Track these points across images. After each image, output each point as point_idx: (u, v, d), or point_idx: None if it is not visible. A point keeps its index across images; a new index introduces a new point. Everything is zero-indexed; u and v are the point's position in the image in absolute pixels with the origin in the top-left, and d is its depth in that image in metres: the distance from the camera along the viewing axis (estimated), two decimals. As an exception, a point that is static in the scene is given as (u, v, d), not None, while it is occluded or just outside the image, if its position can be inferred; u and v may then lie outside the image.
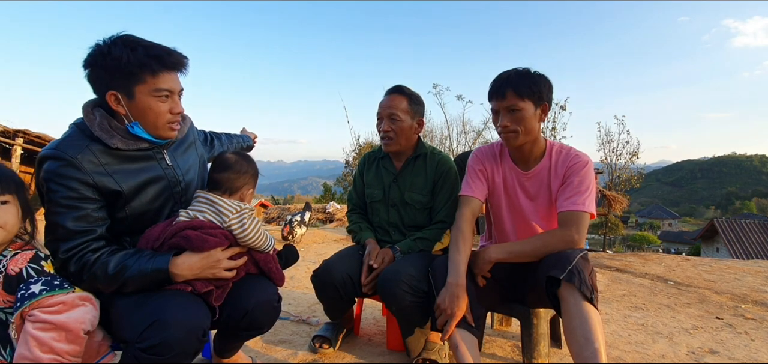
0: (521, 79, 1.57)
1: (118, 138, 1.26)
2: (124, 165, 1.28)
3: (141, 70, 1.23)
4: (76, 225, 1.19)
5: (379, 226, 2.05)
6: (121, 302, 1.25)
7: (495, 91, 1.62)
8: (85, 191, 1.20)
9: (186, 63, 1.34)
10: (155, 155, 1.37)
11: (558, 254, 1.48)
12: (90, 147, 1.22)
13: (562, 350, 2.13)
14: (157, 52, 1.25)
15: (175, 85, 1.31)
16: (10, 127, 9.45)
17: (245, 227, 1.38)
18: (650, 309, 2.95)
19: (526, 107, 1.57)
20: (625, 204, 10.86)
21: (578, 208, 1.54)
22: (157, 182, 1.36)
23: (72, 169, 1.18)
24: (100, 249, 1.22)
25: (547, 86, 1.61)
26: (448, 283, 1.52)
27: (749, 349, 2.26)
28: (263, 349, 2.05)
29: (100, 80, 1.24)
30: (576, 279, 1.37)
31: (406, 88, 1.97)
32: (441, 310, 1.49)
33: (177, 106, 1.34)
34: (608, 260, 5.07)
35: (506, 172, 1.76)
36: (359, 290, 1.84)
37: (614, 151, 20.37)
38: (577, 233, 1.52)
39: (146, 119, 1.28)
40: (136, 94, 1.24)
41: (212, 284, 1.32)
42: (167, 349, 1.12)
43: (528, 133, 1.60)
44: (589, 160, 1.63)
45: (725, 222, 23.27)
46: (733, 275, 4.06)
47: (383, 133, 1.95)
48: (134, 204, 1.30)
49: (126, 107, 1.25)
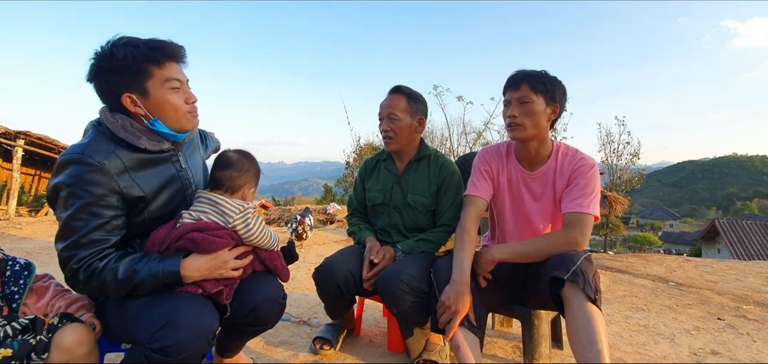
0: (538, 75, 1.61)
1: (145, 139, 1.26)
2: (146, 170, 1.29)
3: (147, 64, 1.23)
4: (96, 234, 1.18)
5: (381, 228, 2.05)
6: (132, 304, 1.25)
7: (511, 81, 1.64)
8: (109, 198, 1.19)
9: (184, 53, 1.34)
10: (171, 158, 1.38)
11: (562, 255, 1.48)
12: (116, 152, 1.22)
13: (564, 352, 2.13)
14: (157, 44, 1.26)
15: (181, 75, 1.32)
16: (11, 129, 9.47)
17: (250, 227, 1.39)
18: (651, 310, 2.94)
19: (538, 102, 1.58)
20: (626, 205, 10.85)
21: (583, 210, 1.54)
22: (173, 185, 1.37)
23: (99, 175, 1.17)
24: (107, 256, 1.21)
25: (560, 89, 1.63)
26: (454, 280, 1.52)
27: (751, 350, 2.26)
28: (264, 350, 2.05)
29: (112, 86, 1.24)
30: (580, 280, 1.37)
31: (405, 87, 1.98)
32: (445, 307, 1.48)
33: (190, 95, 1.35)
34: (609, 260, 5.06)
35: (511, 172, 1.76)
36: (361, 288, 1.84)
37: (615, 151, 20.37)
38: (581, 234, 1.52)
39: (165, 113, 1.28)
40: (149, 90, 1.25)
41: (221, 284, 1.33)
42: (179, 350, 1.12)
43: (535, 128, 1.60)
44: (595, 164, 1.63)
45: (726, 223, 23.23)
46: (735, 276, 4.05)
47: (383, 132, 1.96)
48: (152, 207, 1.31)
49: (143, 107, 1.25)
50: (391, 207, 2.01)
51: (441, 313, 1.50)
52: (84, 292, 1.30)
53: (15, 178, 9.35)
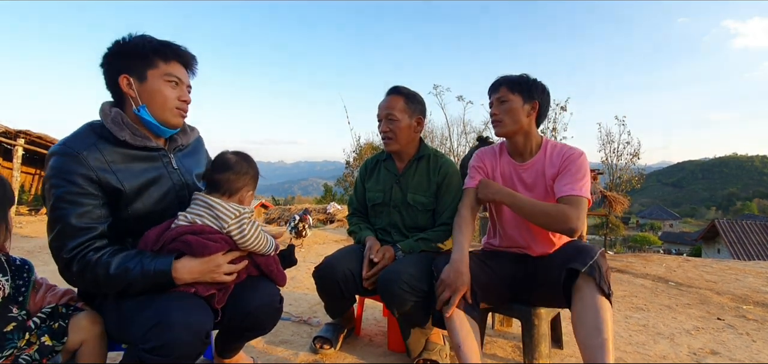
0: (515, 78, 1.77)
1: (128, 132, 1.29)
2: (129, 164, 1.30)
3: (155, 55, 1.30)
4: (79, 222, 1.20)
5: (381, 228, 2.05)
6: (125, 304, 1.26)
7: (492, 86, 1.81)
8: (87, 186, 1.21)
9: (195, 63, 1.42)
10: (161, 157, 1.39)
11: (579, 248, 1.53)
12: (97, 145, 1.25)
13: (563, 351, 2.13)
14: (171, 44, 1.34)
15: (183, 76, 1.37)
16: (11, 128, 9.47)
17: (245, 233, 1.36)
18: (651, 310, 2.95)
19: (515, 100, 1.72)
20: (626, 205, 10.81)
21: (576, 192, 1.60)
22: (161, 184, 1.36)
23: (76, 165, 1.20)
24: (102, 249, 1.22)
25: (539, 88, 1.75)
26: (453, 259, 1.59)
27: (750, 350, 2.26)
28: (264, 349, 2.05)
29: (115, 66, 1.30)
30: (596, 274, 1.40)
31: (403, 88, 1.99)
32: (445, 285, 1.53)
33: (185, 94, 1.38)
34: (609, 260, 5.06)
35: (504, 166, 1.85)
36: (361, 287, 1.85)
37: (615, 151, 20.34)
38: (576, 214, 1.55)
39: (154, 102, 1.32)
40: (148, 77, 1.30)
41: (214, 288, 1.32)
42: (171, 350, 1.12)
43: (514, 124, 1.73)
44: (583, 152, 1.71)
45: (726, 223, 23.22)
46: (734, 276, 4.05)
47: (382, 133, 1.98)
48: (137, 205, 1.31)
49: (136, 90, 1.30)
50: (391, 207, 2.02)
51: (440, 291, 1.54)
52: (78, 285, 1.32)
53: (15, 177, 9.36)
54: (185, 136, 1.50)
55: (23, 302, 1.27)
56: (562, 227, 1.58)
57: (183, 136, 1.49)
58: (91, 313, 1.31)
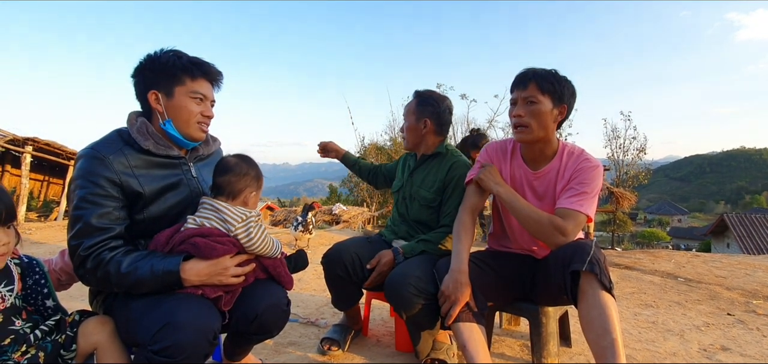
0: (546, 74, 1.58)
1: (152, 142, 1.37)
2: (150, 170, 1.37)
3: (183, 73, 1.38)
4: (99, 222, 1.25)
5: (395, 213, 2.20)
6: (134, 305, 1.28)
7: (518, 80, 1.61)
8: (110, 189, 1.28)
9: (221, 78, 1.50)
10: (181, 165, 1.46)
11: (574, 247, 1.45)
12: (123, 150, 1.33)
13: (572, 349, 2.12)
14: (200, 62, 1.42)
15: (209, 92, 1.46)
16: (19, 136, 9.58)
17: (252, 236, 1.38)
18: (660, 307, 2.93)
19: (544, 102, 1.56)
20: (634, 200, 10.74)
21: (574, 207, 1.52)
22: (178, 190, 1.43)
23: (102, 168, 1.27)
24: (116, 248, 1.27)
25: (569, 90, 1.60)
26: (452, 269, 1.57)
27: (761, 345, 2.24)
28: (273, 351, 2.06)
29: (146, 81, 1.38)
30: (596, 268, 1.38)
31: (422, 91, 2.09)
32: (445, 296, 1.54)
33: (208, 110, 1.46)
34: (617, 257, 5.03)
35: (515, 170, 1.75)
36: (366, 275, 1.91)
37: (621, 147, 20.21)
38: (570, 227, 1.49)
39: (179, 117, 1.40)
40: (175, 93, 1.38)
41: (221, 290, 1.33)
42: (179, 351, 1.14)
43: (541, 130, 1.58)
44: (598, 165, 1.60)
45: (735, 217, 23.00)
46: (744, 271, 4.01)
47: (402, 133, 2.16)
48: (152, 208, 1.37)
49: (163, 105, 1.38)
50: (402, 196, 2.14)
51: (442, 302, 1.55)
52: (90, 283, 1.34)
53: (24, 184, 9.46)
54: (207, 146, 1.57)
55: (49, 293, 1.32)
56: (548, 241, 1.52)
57: (205, 147, 1.56)
58: (100, 316, 1.34)
